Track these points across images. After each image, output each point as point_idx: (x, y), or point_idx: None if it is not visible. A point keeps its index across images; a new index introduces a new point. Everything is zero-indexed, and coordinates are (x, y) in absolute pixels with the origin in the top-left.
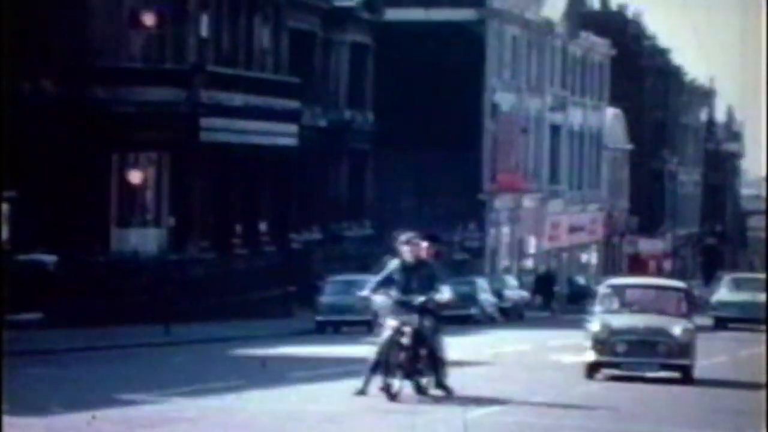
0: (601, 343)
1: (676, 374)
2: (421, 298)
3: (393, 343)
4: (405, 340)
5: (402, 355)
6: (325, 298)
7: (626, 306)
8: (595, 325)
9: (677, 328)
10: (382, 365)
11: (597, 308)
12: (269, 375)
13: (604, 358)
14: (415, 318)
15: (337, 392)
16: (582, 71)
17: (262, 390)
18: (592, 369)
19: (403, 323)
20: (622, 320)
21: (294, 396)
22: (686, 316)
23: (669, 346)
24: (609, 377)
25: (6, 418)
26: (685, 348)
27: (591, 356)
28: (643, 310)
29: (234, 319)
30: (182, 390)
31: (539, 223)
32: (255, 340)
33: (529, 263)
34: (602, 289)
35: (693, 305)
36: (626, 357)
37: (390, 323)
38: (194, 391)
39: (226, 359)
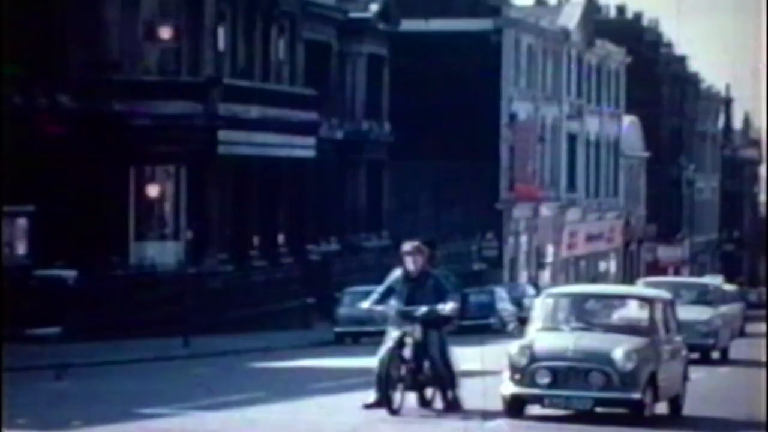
0: (519, 372)
1: (620, 410)
2: (423, 309)
3: (394, 356)
4: (407, 353)
5: (403, 368)
6: (344, 310)
7: (573, 321)
8: (513, 348)
9: (619, 352)
10: (383, 378)
11: (531, 325)
12: (289, 387)
13: (525, 391)
14: (417, 329)
15: (357, 404)
16: (598, 79)
17: (282, 402)
18: (512, 404)
19: (405, 335)
20: (549, 341)
21: (314, 408)
22: (651, 334)
23: (606, 376)
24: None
25: None
26: (629, 377)
27: (509, 388)
28: (590, 327)
29: (253, 331)
30: (202, 403)
31: (557, 231)
32: (274, 352)
33: (545, 273)
34: (541, 299)
35: (670, 320)
36: (550, 389)
37: (392, 335)
38: (214, 404)
39: (245, 371)
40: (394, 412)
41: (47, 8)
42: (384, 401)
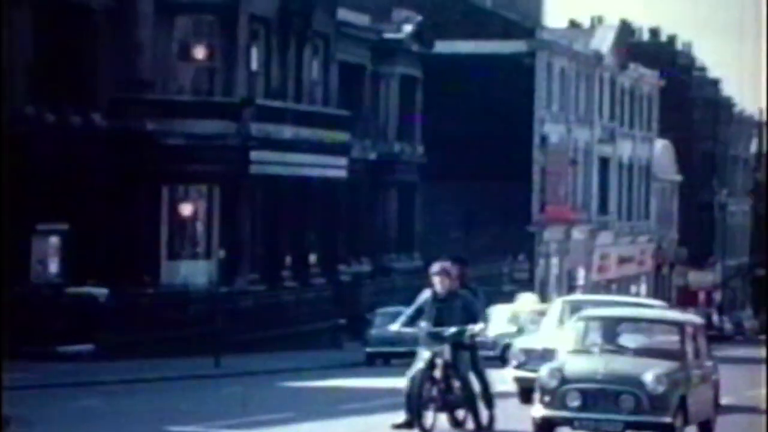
0: (549, 394)
1: None
2: (452, 330)
3: (425, 376)
4: (437, 373)
5: (434, 389)
6: (375, 330)
7: (603, 344)
8: (543, 370)
9: (649, 375)
10: (414, 398)
11: (562, 347)
12: (319, 407)
13: (554, 413)
14: (446, 350)
15: (387, 424)
16: (631, 102)
17: (311, 422)
18: (542, 426)
19: (435, 355)
20: (580, 364)
21: (343, 428)
22: (681, 358)
23: (637, 399)
24: None
25: None
26: (660, 401)
27: (539, 410)
28: (621, 350)
29: (284, 350)
30: (232, 422)
31: (588, 254)
32: (304, 371)
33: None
34: (572, 322)
35: (701, 344)
36: (580, 412)
37: (422, 355)
38: (244, 423)
39: (275, 391)
40: (425, 431)
41: (81, 27)
42: (413, 421)
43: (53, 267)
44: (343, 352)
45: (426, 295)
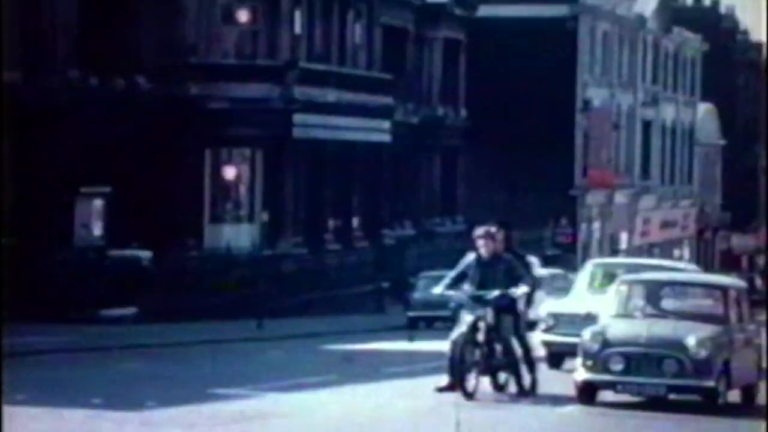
0: (592, 358)
1: (693, 398)
2: (495, 293)
3: (467, 340)
4: (479, 337)
5: (477, 352)
6: (418, 294)
7: (646, 308)
8: (585, 334)
9: (692, 339)
10: (456, 362)
11: (605, 311)
12: (362, 370)
13: (597, 377)
14: (489, 313)
15: (430, 387)
16: (674, 66)
17: (354, 385)
18: (584, 390)
19: (478, 319)
20: (623, 327)
21: (386, 391)
22: (724, 322)
23: (680, 363)
24: None
25: (102, 412)
26: (703, 365)
27: (581, 374)
28: (664, 314)
29: (326, 314)
30: (275, 385)
31: (631, 218)
32: (347, 335)
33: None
34: (615, 286)
35: (742, 308)
36: (623, 376)
37: (465, 319)
38: (287, 386)
39: (318, 354)
40: (468, 395)
41: None
42: (456, 385)
43: (97, 230)
44: (386, 316)
45: (470, 258)
